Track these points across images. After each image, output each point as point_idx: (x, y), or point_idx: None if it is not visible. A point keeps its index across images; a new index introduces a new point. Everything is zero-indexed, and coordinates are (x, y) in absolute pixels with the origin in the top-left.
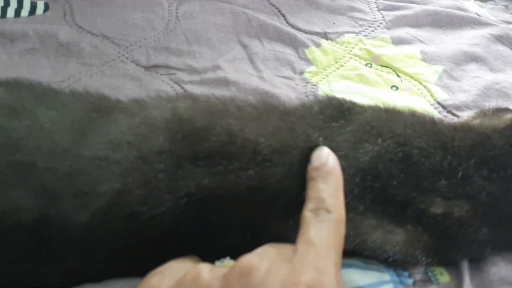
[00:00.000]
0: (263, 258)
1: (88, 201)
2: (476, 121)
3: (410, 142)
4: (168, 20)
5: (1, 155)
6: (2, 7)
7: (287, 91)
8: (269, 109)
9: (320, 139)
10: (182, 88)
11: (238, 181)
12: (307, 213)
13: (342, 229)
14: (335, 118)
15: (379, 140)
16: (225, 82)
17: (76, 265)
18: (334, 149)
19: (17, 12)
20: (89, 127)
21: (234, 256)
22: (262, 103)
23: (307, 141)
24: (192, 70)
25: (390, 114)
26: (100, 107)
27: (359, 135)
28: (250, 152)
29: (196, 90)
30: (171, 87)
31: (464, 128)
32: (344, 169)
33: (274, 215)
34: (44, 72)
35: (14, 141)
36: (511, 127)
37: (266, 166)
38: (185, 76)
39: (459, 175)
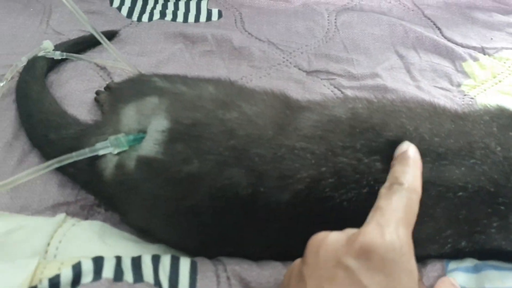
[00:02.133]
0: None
1: (289, 183)
2: None
3: None
4: (328, 29)
5: (221, 140)
6: (184, 13)
7: (445, 102)
8: (440, 111)
9: (498, 148)
10: (342, 92)
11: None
12: (382, 190)
13: (413, 198)
14: (510, 128)
15: None
16: (383, 89)
17: (273, 238)
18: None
19: (197, 18)
20: (286, 121)
21: None
22: (431, 105)
23: (484, 148)
24: (351, 76)
25: None
26: (289, 105)
27: None
28: (424, 149)
29: (356, 95)
30: (331, 91)
31: None
32: None
33: (448, 207)
34: (221, 72)
35: (229, 130)
36: None
37: (442, 164)
38: (344, 82)
39: None
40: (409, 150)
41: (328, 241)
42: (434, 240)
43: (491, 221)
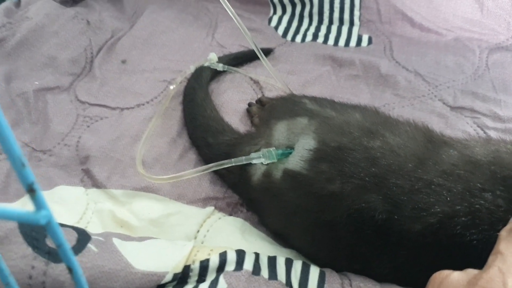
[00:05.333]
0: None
1: (423, 216)
2: None
3: None
4: (478, 66)
5: (364, 166)
6: (335, 37)
7: None
8: None
9: None
10: (485, 132)
11: None
12: (503, 232)
13: None
14: None
15: None
16: None
17: (399, 264)
18: None
19: (347, 42)
20: (427, 155)
21: None
22: None
23: None
24: (497, 118)
25: None
26: (431, 139)
27: None
28: None
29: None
30: (474, 130)
31: None
32: None
33: None
34: (364, 97)
35: (372, 157)
36: None
37: None
38: (488, 122)
39: None
40: None
41: (450, 280)
42: None
43: None
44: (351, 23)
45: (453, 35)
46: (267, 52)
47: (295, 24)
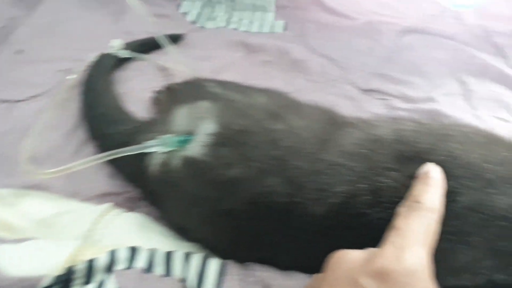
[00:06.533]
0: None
1: (325, 196)
2: None
3: None
4: (389, 49)
5: (265, 149)
6: (249, 23)
7: (503, 133)
8: (496, 140)
9: None
10: (395, 114)
11: (455, 199)
12: (400, 208)
13: (433, 218)
14: None
15: None
16: (437, 114)
17: (304, 250)
18: None
19: (260, 28)
20: (329, 136)
21: None
22: (487, 133)
23: None
24: (406, 99)
25: None
26: (334, 121)
27: None
28: (472, 174)
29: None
30: (384, 111)
31: None
32: None
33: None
34: (277, 82)
35: (274, 140)
36: None
37: (488, 192)
38: (398, 103)
39: None
40: (432, 170)
41: (347, 259)
42: (470, 269)
43: None
44: (265, 9)
45: (365, 19)
46: (177, 38)
47: (207, 10)
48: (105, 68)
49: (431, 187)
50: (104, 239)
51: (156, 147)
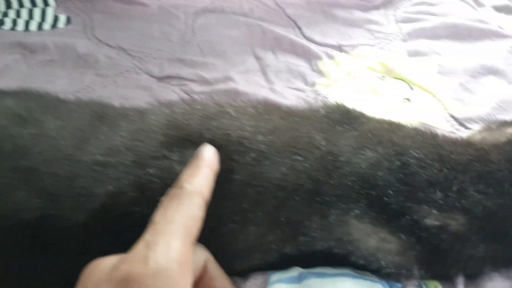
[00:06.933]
0: None
1: (84, 202)
2: (479, 136)
3: (408, 152)
4: (184, 32)
5: (7, 160)
6: (26, 21)
7: (298, 102)
8: (271, 109)
9: (323, 142)
10: (191, 98)
11: (231, 178)
12: (163, 198)
13: (196, 202)
14: (340, 123)
15: (379, 148)
16: (235, 93)
17: (73, 263)
18: (337, 154)
19: (40, 26)
20: (91, 134)
21: None
22: (264, 103)
23: (309, 143)
24: (204, 81)
25: (393, 126)
26: (103, 115)
27: (361, 141)
28: (245, 147)
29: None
30: (181, 97)
31: (464, 143)
32: (346, 175)
33: (268, 209)
34: (61, 82)
35: (21, 148)
36: (510, 142)
37: (263, 164)
38: (196, 87)
39: (455, 188)
40: (203, 151)
41: (99, 269)
42: (258, 248)
43: (312, 222)
44: (45, 3)
45: (158, 4)
46: None
47: None
48: None
49: (200, 169)
50: None
51: None
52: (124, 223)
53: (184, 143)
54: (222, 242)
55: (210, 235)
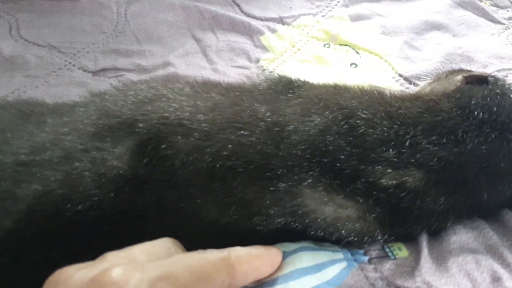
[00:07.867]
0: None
1: (8, 206)
2: (428, 88)
3: (355, 114)
4: (117, 22)
5: None
6: None
7: (242, 80)
8: (210, 87)
9: (268, 113)
10: None
11: (174, 162)
12: None
13: None
14: (284, 93)
15: (327, 112)
16: (175, 78)
17: (8, 271)
18: (283, 124)
19: None
20: (15, 134)
21: None
22: (202, 82)
23: (252, 116)
24: (142, 70)
25: (338, 89)
26: (30, 113)
27: (307, 107)
28: (186, 129)
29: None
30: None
31: (412, 97)
32: (295, 144)
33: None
34: None
35: None
36: (460, 88)
37: (206, 145)
38: (134, 77)
39: (407, 143)
40: None
41: (73, 279)
42: (211, 233)
43: (265, 199)
44: None
45: None
46: None
47: None
48: None
49: None
50: None
51: None
52: (56, 221)
53: (118, 132)
54: (172, 232)
55: (155, 227)
